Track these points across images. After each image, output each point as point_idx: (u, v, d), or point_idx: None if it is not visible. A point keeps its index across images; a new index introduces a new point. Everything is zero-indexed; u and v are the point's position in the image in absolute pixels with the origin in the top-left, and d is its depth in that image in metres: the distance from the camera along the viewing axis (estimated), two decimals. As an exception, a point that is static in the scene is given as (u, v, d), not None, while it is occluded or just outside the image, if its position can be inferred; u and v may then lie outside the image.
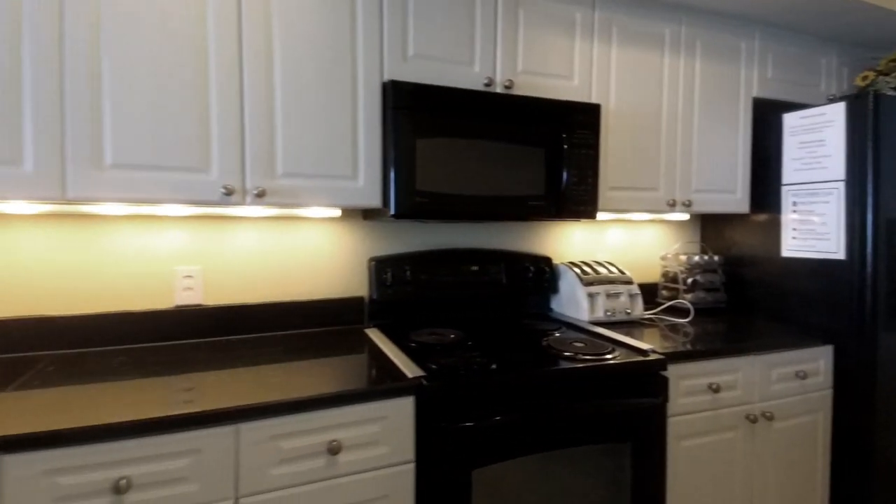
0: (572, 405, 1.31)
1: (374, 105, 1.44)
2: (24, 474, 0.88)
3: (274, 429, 1.04)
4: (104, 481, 0.92)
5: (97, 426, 0.91)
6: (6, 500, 0.87)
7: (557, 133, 1.60)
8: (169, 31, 1.22)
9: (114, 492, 0.92)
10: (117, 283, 1.46)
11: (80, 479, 0.91)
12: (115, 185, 1.19)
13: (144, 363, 1.28)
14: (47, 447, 0.89)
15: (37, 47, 1.11)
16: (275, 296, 1.64)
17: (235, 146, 1.29)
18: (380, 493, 1.13)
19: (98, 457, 0.92)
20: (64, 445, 0.90)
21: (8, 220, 1.35)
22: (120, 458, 0.93)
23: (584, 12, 1.70)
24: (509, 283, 1.88)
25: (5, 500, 0.87)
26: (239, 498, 1.01)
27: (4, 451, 0.87)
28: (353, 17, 1.40)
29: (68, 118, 1.14)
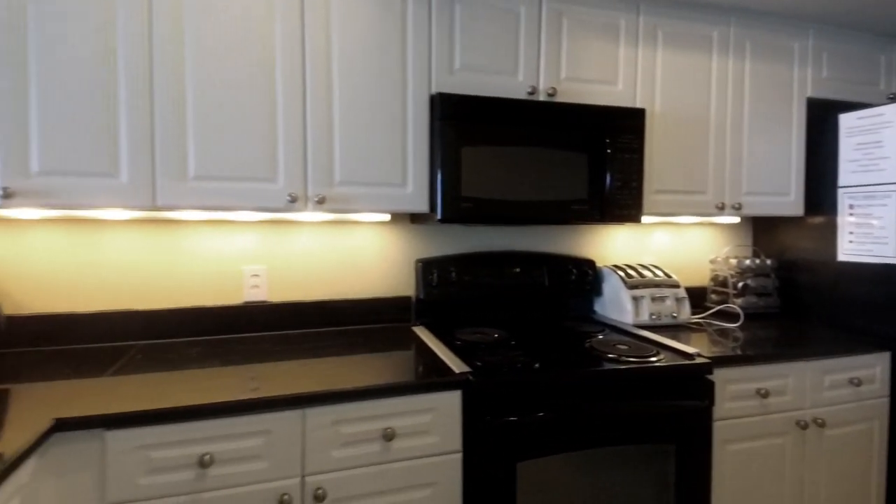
0: (615, 404, 1.34)
1: (422, 116, 1.52)
2: (123, 448, 1.02)
3: (336, 414, 1.14)
4: (191, 456, 1.05)
5: (184, 407, 1.04)
6: (108, 471, 1.01)
7: (601, 138, 1.63)
8: (242, 59, 1.35)
9: (199, 466, 1.05)
10: (194, 280, 1.62)
11: (170, 453, 1.04)
12: (196, 194, 1.33)
13: (218, 353, 1.42)
14: (142, 425, 1.03)
15: (130, 74, 1.27)
16: (330, 294, 1.76)
17: (299, 158, 1.41)
18: (429, 479, 1.21)
19: (185, 434, 1.04)
20: (156, 424, 1.03)
21: (103, 226, 1.54)
22: (203, 436, 1.05)
23: (629, 18, 1.72)
24: (551, 285, 1.92)
25: (108, 471, 1.01)
26: (305, 476, 1.12)
27: (107, 428, 1.01)
28: (404, 36, 1.50)
29: (158, 136, 1.29)
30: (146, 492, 1.02)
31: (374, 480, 1.16)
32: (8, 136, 1.19)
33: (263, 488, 1.09)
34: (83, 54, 1.23)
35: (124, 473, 1.01)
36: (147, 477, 1.02)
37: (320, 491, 1.11)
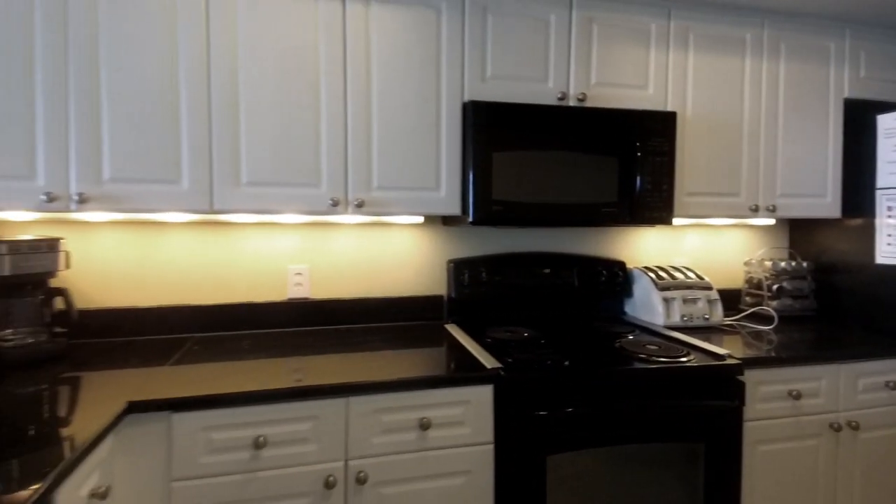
0: (644, 402, 1.37)
1: (455, 124, 1.59)
2: (187, 430, 1.12)
3: (376, 403, 1.22)
4: (247, 438, 1.15)
5: (242, 393, 1.14)
6: (174, 450, 1.12)
7: (631, 141, 1.66)
8: (290, 73, 1.45)
9: (254, 447, 1.15)
10: (243, 278, 1.74)
11: (229, 435, 1.14)
12: (248, 198, 1.44)
13: (266, 346, 1.53)
14: (204, 408, 1.13)
15: (190, 91, 1.39)
16: (367, 291, 1.85)
17: (340, 165, 1.51)
18: (463, 468, 1.28)
19: (242, 418, 1.15)
20: (216, 407, 1.14)
21: (163, 227, 1.67)
22: (258, 420, 1.15)
23: (660, 23, 1.74)
24: (581, 286, 1.95)
25: (174, 450, 1.12)
26: (348, 460, 1.21)
27: (173, 411, 1.12)
28: (438, 48, 1.57)
29: (215, 146, 1.41)
30: (207, 470, 1.13)
31: (411, 466, 1.24)
32: (82, 147, 1.33)
33: (311, 470, 1.18)
34: (149, 74, 1.36)
35: (188, 452, 1.12)
36: (208, 456, 1.13)
37: (362, 474, 1.19)
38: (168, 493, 1.11)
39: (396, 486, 1.23)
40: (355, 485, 1.20)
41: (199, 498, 1.12)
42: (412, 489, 1.24)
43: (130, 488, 1.09)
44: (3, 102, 1.27)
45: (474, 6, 1.58)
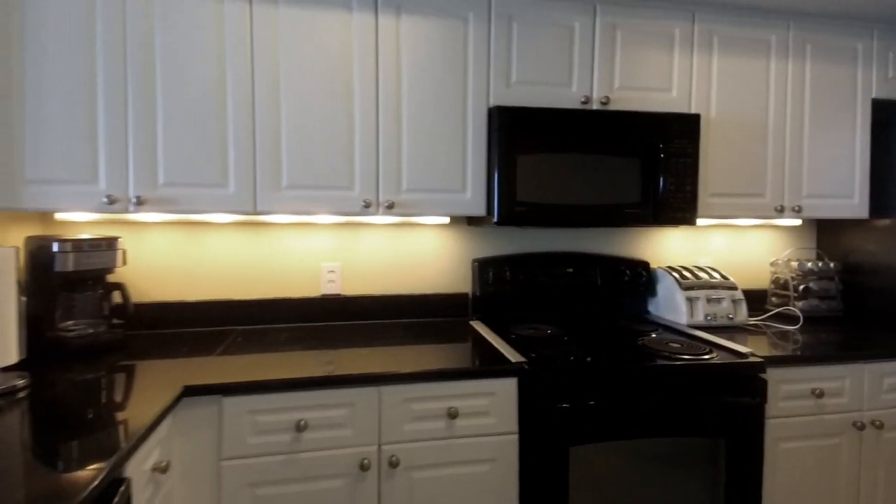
0: (666, 397, 1.41)
1: (480, 128, 1.66)
2: (236, 412, 1.23)
3: (407, 393, 1.30)
4: (289, 421, 1.24)
5: (286, 379, 1.24)
6: (224, 431, 1.22)
7: (654, 143, 1.69)
8: (326, 86, 1.55)
9: (296, 430, 1.24)
10: (280, 275, 1.85)
11: (272, 418, 1.24)
12: (287, 201, 1.54)
13: (302, 338, 1.63)
14: (252, 393, 1.23)
15: (236, 102, 1.50)
16: (395, 289, 1.93)
17: (372, 169, 1.60)
18: (489, 456, 1.35)
19: (285, 403, 1.24)
20: (263, 392, 1.24)
21: (209, 227, 1.79)
22: (299, 405, 1.25)
23: (683, 27, 1.76)
24: (604, 285, 1.99)
25: (224, 431, 1.22)
26: (381, 445, 1.29)
27: (224, 395, 1.23)
28: (465, 56, 1.64)
29: (258, 153, 1.52)
30: (254, 449, 1.23)
31: (440, 453, 1.32)
32: (140, 154, 1.45)
33: (347, 452, 1.27)
34: (200, 88, 1.47)
35: (237, 433, 1.22)
36: (255, 437, 1.23)
37: (394, 458, 1.28)
38: (218, 471, 1.21)
39: (426, 471, 1.31)
40: (388, 468, 1.29)
41: (246, 476, 1.22)
42: (440, 474, 1.32)
43: (185, 465, 1.20)
44: (70, 117, 1.40)
45: (500, 15, 1.65)
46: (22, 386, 1.16)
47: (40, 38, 1.38)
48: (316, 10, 1.53)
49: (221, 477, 1.21)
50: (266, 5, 1.50)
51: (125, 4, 1.42)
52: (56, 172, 1.40)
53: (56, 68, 1.39)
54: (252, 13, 1.49)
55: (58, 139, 1.40)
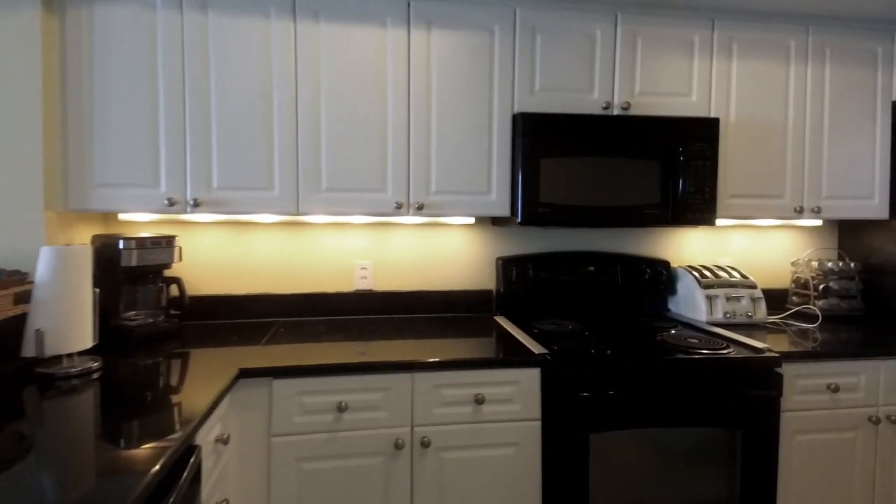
0: (683, 389, 1.47)
1: (505, 133, 1.75)
2: (284, 394, 1.35)
3: (437, 379, 1.41)
4: (331, 402, 1.36)
5: (329, 364, 1.36)
6: (274, 410, 1.35)
7: (674, 147, 1.75)
8: (362, 97, 1.66)
9: (337, 410, 1.36)
10: (317, 271, 1.98)
11: (317, 399, 1.36)
12: (326, 203, 1.67)
13: (338, 330, 1.75)
14: (298, 376, 1.35)
15: (281, 113, 1.63)
16: (423, 285, 2.04)
17: (403, 173, 1.70)
18: (513, 440, 1.44)
19: (327, 386, 1.36)
20: (308, 376, 1.36)
21: (253, 227, 1.94)
22: (340, 388, 1.37)
23: (703, 33, 1.82)
24: (625, 283, 2.05)
25: (273, 410, 1.35)
26: (414, 426, 1.40)
27: (274, 377, 1.35)
28: (491, 66, 1.73)
29: (301, 159, 1.64)
30: (300, 427, 1.35)
31: (467, 436, 1.41)
32: (197, 161, 1.59)
33: (383, 433, 1.38)
34: (249, 101, 1.61)
35: (285, 412, 1.34)
36: (300, 416, 1.35)
37: (426, 439, 1.38)
38: (269, 446, 1.34)
39: (455, 452, 1.41)
40: (420, 448, 1.39)
41: (292, 452, 1.34)
42: (468, 455, 1.42)
43: (241, 440, 1.33)
44: (134, 128, 1.56)
45: (524, 26, 1.73)
46: (96, 368, 1.31)
47: (107, 59, 1.54)
48: (353, 27, 1.65)
49: (271, 451, 1.34)
50: (308, 23, 1.62)
51: (183, 26, 1.56)
52: (122, 177, 1.56)
53: (121, 84, 1.54)
54: (296, 30, 1.62)
55: (123, 148, 1.55)
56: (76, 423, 0.98)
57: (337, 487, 1.36)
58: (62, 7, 1.52)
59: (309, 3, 1.62)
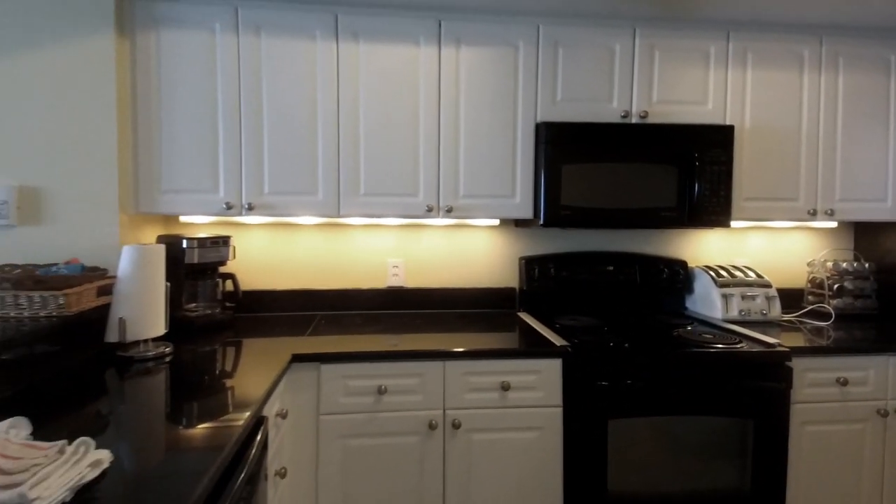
0: (697, 379, 1.56)
1: (528, 141, 1.86)
2: (331, 377, 1.49)
3: (466, 367, 1.53)
4: (372, 386, 1.50)
5: (369, 352, 1.50)
6: (322, 391, 1.49)
7: (690, 153, 1.84)
8: (396, 108, 1.80)
9: (377, 393, 1.50)
10: (353, 269, 2.12)
11: (359, 383, 1.50)
12: (364, 206, 1.81)
13: (374, 322, 1.89)
14: (343, 362, 1.50)
15: (324, 125, 1.77)
16: (450, 282, 2.17)
17: (434, 179, 1.83)
18: (536, 424, 1.55)
19: (369, 371, 1.50)
20: (352, 362, 1.50)
21: (297, 228, 2.09)
22: (380, 373, 1.50)
23: (718, 44, 1.90)
24: (643, 282, 2.13)
25: (321, 391, 1.49)
26: (446, 409, 1.52)
27: (322, 362, 1.50)
28: (516, 78, 1.84)
29: (341, 167, 1.79)
30: (344, 408, 1.49)
31: (494, 419, 1.54)
32: (251, 169, 1.75)
33: (418, 414, 1.51)
34: (297, 116, 1.76)
35: (331, 393, 1.49)
36: (345, 397, 1.49)
37: (456, 421, 1.51)
38: (317, 424, 1.49)
39: (483, 434, 1.53)
40: (451, 429, 1.52)
41: (338, 429, 1.49)
42: (495, 437, 1.54)
43: (294, 416, 1.49)
44: (197, 140, 1.72)
45: (547, 41, 1.84)
46: (168, 352, 1.48)
47: (172, 78, 1.71)
48: (389, 45, 1.78)
49: (320, 428, 1.48)
50: (349, 43, 1.77)
51: (239, 48, 1.72)
52: (186, 184, 1.73)
53: (185, 100, 1.71)
54: (338, 50, 1.76)
55: (187, 158, 1.72)
56: (160, 397, 1.14)
57: (377, 462, 1.50)
58: (132, 31, 1.69)
59: (350, 25, 1.76)
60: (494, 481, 1.54)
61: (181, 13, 1.69)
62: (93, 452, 0.74)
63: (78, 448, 0.72)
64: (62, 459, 0.70)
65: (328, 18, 1.75)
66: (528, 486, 1.54)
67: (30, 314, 1.31)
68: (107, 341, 1.41)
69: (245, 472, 0.90)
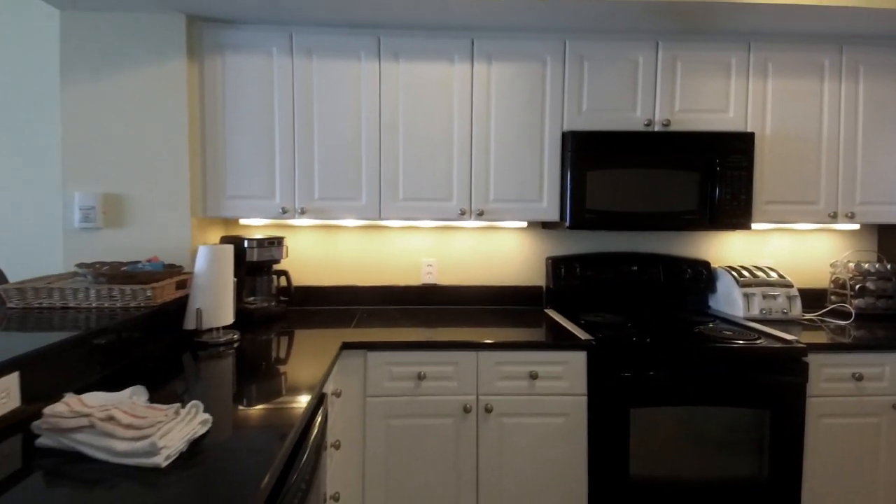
0: (716, 372, 1.64)
1: (555, 149, 1.97)
2: (376, 363, 1.65)
3: (497, 357, 1.66)
4: (412, 372, 1.64)
5: (409, 341, 1.65)
6: (368, 376, 1.64)
7: (711, 159, 1.91)
8: (433, 121, 1.94)
9: (417, 378, 1.64)
10: (390, 267, 2.28)
11: (401, 369, 1.65)
12: (402, 210, 1.96)
13: (411, 316, 2.04)
14: (387, 350, 1.65)
15: (368, 139, 1.93)
16: (481, 280, 2.29)
17: (466, 184, 1.97)
18: (562, 411, 1.66)
19: (410, 358, 1.64)
20: (395, 350, 1.64)
21: (340, 230, 2.26)
22: (420, 361, 1.64)
23: (739, 55, 1.96)
24: (666, 282, 2.20)
25: (367, 375, 1.64)
26: (479, 395, 1.65)
27: (368, 350, 1.65)
28: (543, 91, 1.96)
29: (382, 174, 1.94)
30: (388, 391, 1.64)
31: (523, 405, 1.66)
32: (303, 177, 1.93)
33: (454, 399, 1.65)
34: (343, 132, 1.93)
35: (376, 378, 1.64)
36: (388, 382, 1.64)
37: (489, 406, 1.64)
38: (364, 404, 1.64)
39: (513, 418, 1.66)
40: (484, 413, 1.65)
41: (382, 410, 1.64)
42: (524, 422, 1.66)
43: (345, 397, 1.65)
44: (256, 152, 1.91)
45: (573, 56, 1.95)
46: (236, 339, 1.66)
47: (235, 96, 1.90)
48: (427, 63, 1.93)
49: (366, 408, 1.64)
50: (390, 62, 1.92)
51: (293, 69, 1.90)
52: (247, 191, 1.92)
53: (246, 116, 1.90)
54: (380, 68, 1.92)
55: (248, 168, 1.91)
56: (236, 375, 1.32)
57: (417, 441, 1.64)
58: (201, 56, 1.89)
59: (391, 46, 1.92)
60: (524, 461, 1.66)
61: (242, 38, 1.88)
62: (201, 414, 0.91)
63: (190, 409, 0.89)
64: (179, 418, 0.86)
65: (372, 41, 1.90)
66: (555, 466, 1.66)
67: (121, 305, 1.51)
68: (185, 328, 1.60)
69: (314, 438, 1.06)
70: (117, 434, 0.78)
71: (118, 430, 0.78)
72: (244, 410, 1.06)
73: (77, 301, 1.49)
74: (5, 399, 0.94)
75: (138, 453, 0.77)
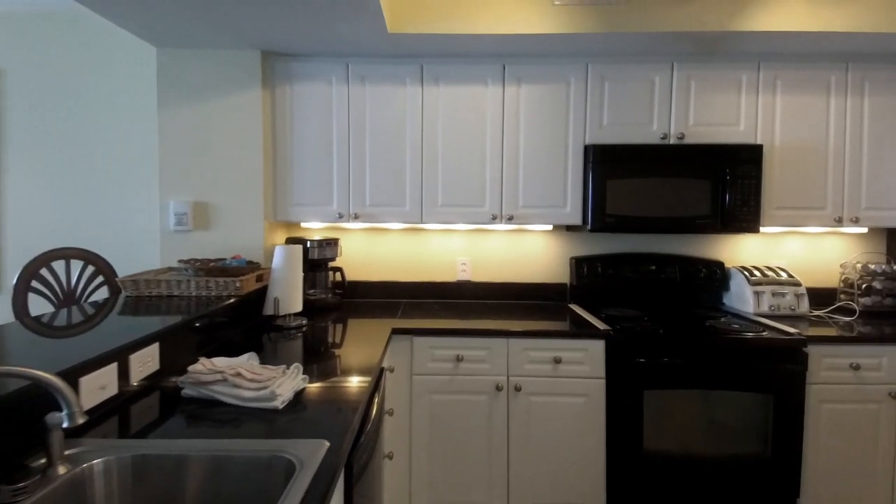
0: (724, 359, 1.78)
1: (578, 160, 2.15)
2: (421, 346, 1.86)
3: (525, 344, 1.85)
4: (452, 355, 1.86)
5: (450, 329, 1.86)
6: (414, 357, 1.86)
7: (722, 168, 2.04)
8: (468, 136, 2.15)
9: (456, 360, 1.85)
10: (428, 265, 2.50)
11: (442, 352, 1.86)
12: (440, 214, 2.18)
13: (448, 309, 2.25)
14: (430, 335, 1.86)
15: (411, 152, 2.16)
16: (510, 278, 2.48)
17: (497, 191, 2.17)
18: (583, 392, 1.84)
19: (450, 343, 1.86)
20: (437, 336, 1.86)
21: (385, 232, 2.50)
22: (458, 346, 1.85)
23: (750, 74, 2.08)
24: (682, 280, 2.33)
25: (413, 357, 1.86)
26: (509, 376, 1.85)
27: (414, 335, 1.87)
28: (567, 107, 2.14)
29: (424, 184, 2.17)
30: (431, 370, 1.86)
31: (548, 386, 1.84)
32: (357, 187, 2.17)
33: (487, 379, 1.85)
34: (390, 147, 2.16)
35: (421, 359, 1.86)
36: (431, 363, 1.86)
37: (518, 385, 1.83)
38: (411, 381, 1.87)
39: (539, 397, 1.85)
40: (514, 391, 1.85)
41: (426, 386, 1.86)
42: (549, 400, 1.85)
43: (394, 375, 1.88)
44: (317, 165, 2.16)
45: (595, 76, 2.12)
46: (305, 324, 1.92)
47: (301, 118, 2.16)
48: (463, 87, 2.14)
49: (412, 384, 1.86)
50: (431, 86, 2.14)
51: (349, 94, 2.15)
52: (309, 198, 2.18)
53: (309, 135, 2.16)
54: (423, 92, 2.14)
55: (310, 178, 2.17)
56: (310, 351, 1.56)
57: (455, 414, 1.86)
58: (272, 85, 2.16)
59: (432, 72, 2.14)
60: (549, 434, 1.85)
61: (307, 69, 2.14)
62: (301, 374, 1.15)
63: (294, 369, 1.13)
64: (287, 375, 1.10)
65: (416, 68, 2.13)
66: (577, 440, 1.84)
67: (216, 294, 1.78)
68: (264, 314, 1.87)
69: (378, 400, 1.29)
70: (244, 385, 1.03)
71: (244, 383, 1.03)
72: (325, 377, 1.30)
73: (180, 291, 1.77)
74: (150, 362, 1.21)
75: (262, 399, 1.01)
